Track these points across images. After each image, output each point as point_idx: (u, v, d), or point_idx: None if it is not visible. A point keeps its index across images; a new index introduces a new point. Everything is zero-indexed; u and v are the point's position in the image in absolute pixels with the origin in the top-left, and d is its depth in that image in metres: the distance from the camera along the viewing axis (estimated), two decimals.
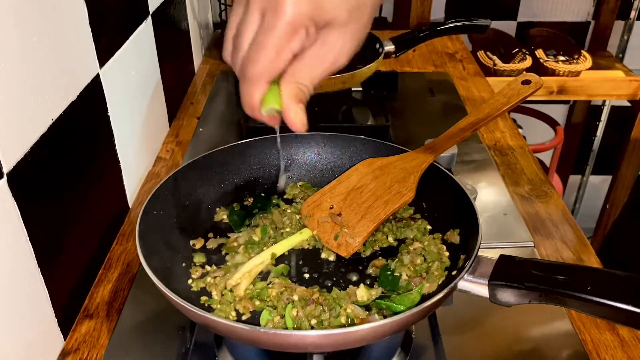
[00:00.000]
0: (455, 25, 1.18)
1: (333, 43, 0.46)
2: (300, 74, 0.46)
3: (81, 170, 0.75)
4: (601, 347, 0.67)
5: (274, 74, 0.46)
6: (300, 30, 0.44)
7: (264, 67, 0.45)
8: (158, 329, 0.67)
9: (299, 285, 0.64)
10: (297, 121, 0.47)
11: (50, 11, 0.66)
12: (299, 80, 0.46)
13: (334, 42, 0.46)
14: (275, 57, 0.44)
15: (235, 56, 0.47)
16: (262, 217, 0.74)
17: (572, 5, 2.06)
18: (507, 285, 0.53)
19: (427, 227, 0.72)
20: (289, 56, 0.45)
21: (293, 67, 0.46)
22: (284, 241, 0.70)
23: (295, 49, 0.45)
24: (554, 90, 1.80)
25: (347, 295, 0.62)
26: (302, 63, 0.46)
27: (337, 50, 0.46)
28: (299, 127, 0.47)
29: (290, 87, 0.46)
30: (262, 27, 0.44)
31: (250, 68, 0.45)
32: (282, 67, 0.45)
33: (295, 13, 0.43)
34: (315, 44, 0.45)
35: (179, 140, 1.12)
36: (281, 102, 0.47)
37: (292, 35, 0.44)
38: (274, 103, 0.47)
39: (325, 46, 0.46)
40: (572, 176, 2.36)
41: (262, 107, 0.47)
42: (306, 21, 0.43)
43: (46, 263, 0.65)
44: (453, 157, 0.92)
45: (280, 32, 0.43)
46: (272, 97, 0.47)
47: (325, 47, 0.46)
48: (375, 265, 0.67)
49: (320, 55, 0.46)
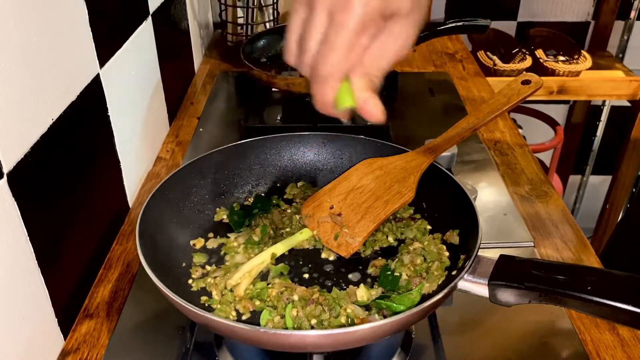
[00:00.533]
0: (455, 25, 1.18)
1: (398, 33, 0.46)
2: (369, 65, 0.47)
3: (81, 170, 0.75)
4: (601, 347, 0.67)
5: (346, 71, 0.46)
6: (370, 25, 0.45)
7: (337, 65, 0.45)
8: (158, 329, 0.67)
9: (299, 285, 0.64)
10: (376, 111, 0.48)
11: (50, 11, 0.66)
12: (369, 72, 0.47)
13: (399, 31, 0.46)
14: (347, 55, 0.45)
15: (302, 58, 0.48)
16: (262, 217, 0.74)
17: (572, 5, 2.06)
18: (507, 285, 0.53)
19: (427, 227, 0.72)
20: (361, 52, 0.46)
21: (362, 59, 0.47)
22: (284, 241, 0.70)
23: (366, 44, 0.46)
24: (554, 90, 1.80)
25: (347, 295, 0.62)
26: (371, 54, 0.46)
27: (402, 39, 0.47)
28: (378, 116, 0.49)
29: (363, 79, 0.47)
30: (332, 27, 0.45)
31: (322, 67, 0.46)
32: (354, 64, 0.46)
33: (365, 10, 0.44)
34: (382, 34, 0.46)
35: (179, 140, 1.12)
36: (354, 99, 0.48)
37: (362, 32, 0.45)
38: (348, 102, 0.48)
39: (391, 36, 0.46)
40: (572, 176, 2.36)
41: (337, 106, 0.48)
42: (375, 16, 0.44)
43: (46, 263, 0.65)
44: (453, 157, 0.92)
45: (351, 30, 0.44)
46: (346, 96, 0.48)
47: (392, 37, 0.46)
48: (375, 265, 0.67)
49: (387, 46, 0.47)
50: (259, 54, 1.20)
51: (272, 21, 1.43)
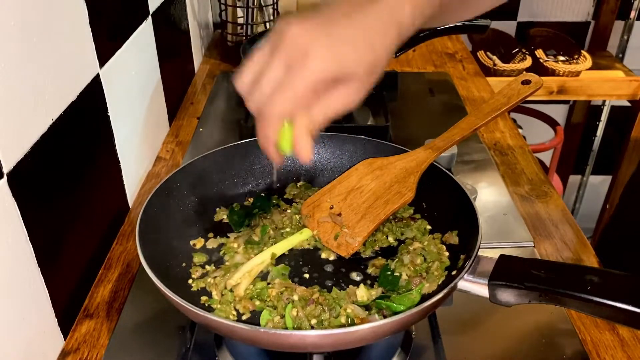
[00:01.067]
0: (455, 25, 1.18)
1: (347, 92, 0.49)
2: (314, 112, 0.49)
3: (81, 171, 0.75)
4: (601, 347, 0.67)
5: (290, 115, 0.49)
6: (322, 84, 0.47)
7: (282, 109, 0.48)
8: (158, 329, 0.67)
9: (299, 285, 0.64)
10: (305, 153, 0.50)
11: (50, 11, 0.66)
12: (312, 118, 0.49)
13: (348, 92, 0.49)
14: (294, 103, 0.47)
15: (253, 92, 0.50)
16: (262, 217, 0.74)
17: (572, 5, 2.06)
18: (507, 285, 0.53)
19: (427, 227, 0.72)
20: (307, 102, 0.48)
21: (308, 106, 0.49)
22: (284, 241, 0.70)
23: (314, 98, 0.48)
24: (554, 90, 1.81)
25: (347, 295, 0.62)
26: (318, 104, 0.49)
27: (350, 98, 0.50)
28: (305, 158, 0.50)
29: (304, 120, 0.49)
30: (287, 78, 0.47)
31: (268, 108, 0.48)
32: (299, 111, 0.48)
33: (320, 70, 0.46)
34: (331, 90, 0.49)
35: (179, 140, 1.12)
36: (292, 146, 0.50)
37: (313, 88, 0.47)
38: (287, 147, 0.51)
39: (340, 94, 0.49)
40: (572, 176, 2.36)
41: (277, 146, 0.51)
42: (329, 77, 0.47)
43: (46, 263, 0.65)
44: (453, 157, 0.92)
45: (303, 85, 0.47)
46: (285, 141, 0.50)
47: (341, 95, 0.49)
48: (375, 265, 0.67)
49: (334, 101, 0.49)
50: None
51: (272, 21, 1.43)
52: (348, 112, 0.50)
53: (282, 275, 0.66)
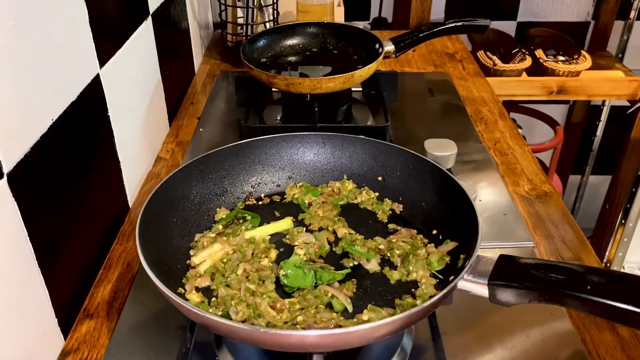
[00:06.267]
0: (455, 26, 1.18)
1: None
2: None
3: (81, 171, 0.75)
4: (601, 347, 0.67)
5: None
6: None
7: None
8: (158, 329, 0.67)
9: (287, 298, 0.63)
10: None
11: (50, 11, 0.66)
12: None
13: None
14: None
15: None
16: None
17: (572, 5, 2.06)
18: (507, 285, 0.53)
19: (424, 240, 0.71)
20: None
21: None
22: (262, 227, 0.72)
23: None
24: (554, 90, 1.80)
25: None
26: None
27: None
28: None
29: None
30: None
31: None
32: None
33: None
34: None
35: (179, 140, 1.13)
36: None
37: None
38: None
39: None
40: (572, 176, 2.36)
41: None
42: None
43: (46, 263, 0.65)
44: (453, 157, 0.92)
45: None
46: None
47: None
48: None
49: None
50: (259, 54, 1.20)
51: (272, 21, 1.43)
52: None
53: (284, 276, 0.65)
